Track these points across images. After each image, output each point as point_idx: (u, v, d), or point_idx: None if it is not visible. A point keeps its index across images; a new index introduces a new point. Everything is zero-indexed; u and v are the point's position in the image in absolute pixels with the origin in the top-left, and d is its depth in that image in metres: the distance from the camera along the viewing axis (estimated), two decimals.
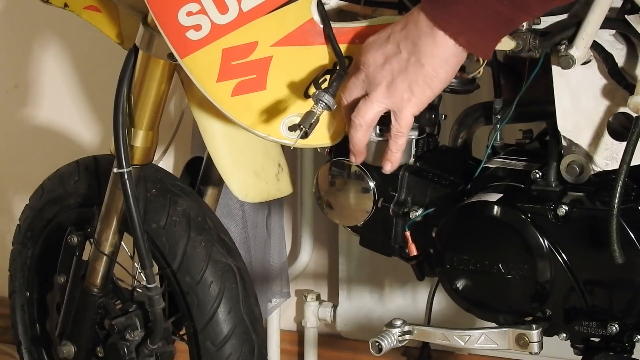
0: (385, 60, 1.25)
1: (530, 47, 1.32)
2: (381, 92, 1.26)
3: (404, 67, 1.24)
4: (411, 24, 1.23)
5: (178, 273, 1.63)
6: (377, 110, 1.28)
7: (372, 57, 1.26)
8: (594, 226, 1.34)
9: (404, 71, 1.24)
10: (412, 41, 1.22)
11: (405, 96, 1.25)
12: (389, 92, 1.25)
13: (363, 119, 1.28)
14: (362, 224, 1.52)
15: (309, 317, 2.26)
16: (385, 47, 1.25)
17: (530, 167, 1.45)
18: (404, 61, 1.23)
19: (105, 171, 1.67)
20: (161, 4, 1.35)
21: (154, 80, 1.53)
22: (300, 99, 1.35)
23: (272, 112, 1.35)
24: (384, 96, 1.26)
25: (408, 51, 1.23)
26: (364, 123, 1.29)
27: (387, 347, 1.44)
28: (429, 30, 1.21)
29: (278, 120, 1.36)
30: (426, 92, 1.25)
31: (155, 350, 1.66)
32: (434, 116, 1.47)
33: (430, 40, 1.21)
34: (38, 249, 1.85)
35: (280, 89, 1.35)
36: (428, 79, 1.24)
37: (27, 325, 1.90)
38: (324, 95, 1.27)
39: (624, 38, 1.33)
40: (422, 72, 1.23)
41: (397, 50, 1.24)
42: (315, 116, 1.27)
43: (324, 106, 1.27)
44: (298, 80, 1.35)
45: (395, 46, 1.24)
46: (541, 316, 1.41)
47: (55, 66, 2.48)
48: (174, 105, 2.31)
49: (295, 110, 1.35)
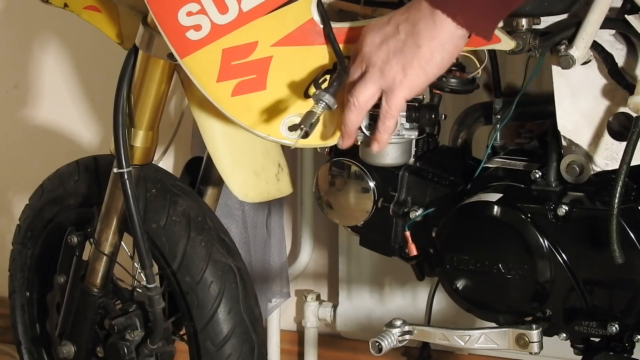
0: (382, 40, 1.25)
1: (530, 47, 1.32)
2: (375, 72, 1.25)
3: (400, 48, 1.23)
4: (413, 8, 1.23)
5: (178, 273, 1.63)
6: (371, 91, 1.27)
7: (371, 38, 1.26)
8: (594, 226, 1.34)
9: (400, 52, 1.23)
10: (411, 23, 1.22)
11: (398, 77, 1.24)
12: (382, 72, 1.25)
13: (357, 99, 1.27)
14: (362, 224, 1.52)
15: (309, 317, 2.26)
16: (384, 29, 1.25)
17: (530, 167, 1.45)
18: (400, 42, 1.23)
19: (105, 171, 1.67)
20: (161, 4, 1.35)
21: (154, 80, 1.53)
22: (301, 99, 1.35)
23: (272, 112, 1.35)
24: (378, 76, 1.25)
25: (406, 32, 1.23)
26: (357, 103, 1.27)
27: (387, 347, 1.44)
28: (428, 13, 1.21)
29: (278, 120, 1.36)
30: (420, 76, 1.24)
31: (155, 350, 1.66)
32: (434, 116, 1.47)
33: (430, 23, 1.21)
34: (38, 249, 1.85)
35: (280, 89, 1.35)
36: (423, 61, 1.23)
37: (27, 325, 1.90)
38: (324, 95, 1.27)
39: (624, 38, 1.33)
40: (417, 54, 1.22)
41: (396, 32, 1.24)
42: (315, 116, 1.26)
43: (325, 106, 1.27)
44: (298, 80, 1.35)
45: (394, 27, 1.24)
46: (541, 316, 1.41)
47: (55, 66, 2.48)
48: (174, 105, 2.31)
49: (296, 110, 1.35)
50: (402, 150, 1.43)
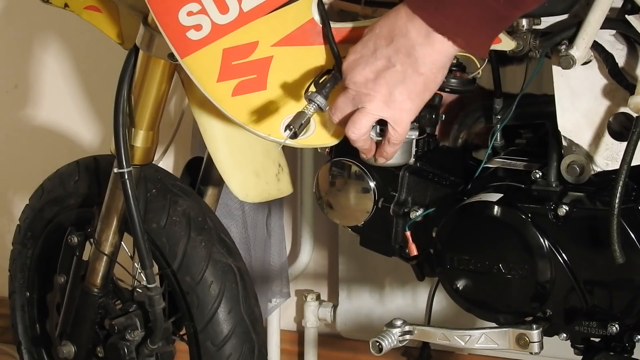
0: (376, 75, 1.25)
1: (531, 47, 1.32)
2: (377, 105, 1.26)
3: (401, 79, 1.23)
4: (398, 37, 1.22)
5: (178, 273, 1.63)
6: (372, 121, 1.28)
7: (361, 74, 1.25)
8: (595, 226, 1.34)
9: (402, 83, 1.24)
10: (404, 53, 1.22)
11: (405, 107, 1.25)
12: (386, 104, 1.25)
13: (360, 130, 1.28)
14: (362, 224, 1.52)
15: (309, 317, 2.26)
16: (373, 64, 1.24)
17: (530, 167, 1.45)
18: (399, 73, 1.23)
19: (106, 171, 1.67)
20: (162, 3, 1.35)
21: (154, 80, 1.53)
22: (301, 99, 1.35)
23: (272, 112, 1.35)
24: (381, 109, 1.26)
25: (402, 63, 1.23)
26: (361, 134, 1.29)
27: (388, 347, 1.44)
28: (422, 39, 1.21)
29: (278, 120, 1.36)
30: (425, 98, 1.26)
31: (155, 350, 1.66)
32: (434, 116, 1.48)
33: (428, 49, 1.21)
34: (38, 249, 1.85)
35: (280, 89, 1.35)
36: (426, 85, 1.24)
37: (27, 325, 1.90)
38: (316, 96, 1.27)
39: (625, 38, 1.33)
40: (421, 81, 1.23)
41: (389, 64, 1.23)
42: (306, 117, 1.27)
43: (316, 107, 1.27)
44: (298, 80, 1.35)
45: (385, 61, 1.24)
46: (541, 316, 1.41)
47: (55, 66, 2.48)
48: (174, 105, 2.31)
49: (296, 110, 1.35)
50: (403, 150, 1.43)
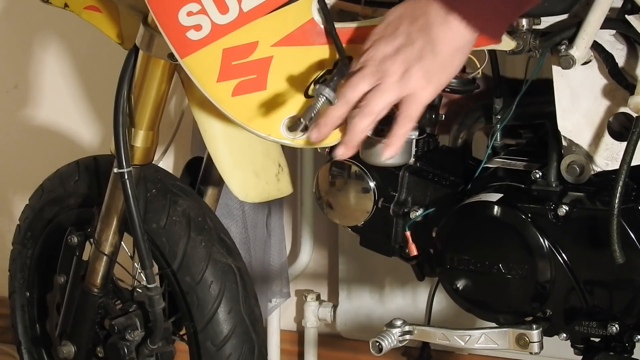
0: (396, 51, 1.25)
1: (531, 47, 1.32)
2: (395, 82, 1.25)
3: (419, 56, 1.23)
4: (419, 16, 1.23)
5: (178, 273, 1.63)
6: (389, 100, 1.26)
7: (380, 50, 1.26)
8: (594, 226, 1.34)
9: (419, 60, 1.23)
10: (425, 31, 1.23)
11: (420, 85, 1.25)
12: (403, 81, 1.25)
13: (375, 107, 1.26)
14: (362, 224, 1.52)
15: (309, 317, 2.26)
16: (393, 41, 1.25)
17: (530, 167, 1.45)
18: (417, 51, 1.23)
19: (105, 171, 1.67)
20: (161, 4, 1.35)
21: (154, 80, 1.53)
22: (301, 99, 1.35)
23: (272, 112, 1.35)
24: (398, 86, 1.25)
25: (421, 41, 1.23)
26: (374, 112, 1.26)
27: (388, 347, 1.44)
28: (441, 18, 1.21)
29: (278, 120, 1.36)
30: (442, 81, 1.26)
31: (155, 350, 1.66)
32: (434, 116, 1.48)
33: (445, 28, 1.21)
34: (38, 249, 1.85)
35: (280, 89, 1.35)
36: (443, 67, 1.24)
37: (27, 325, 1.90)
38: (324, 89, 1.27)
39: (625, 38, 1.33)
40: (437, 61, 1.23)
41: (409, 41, 1.24)
42: (316, 109, 1.26)
43: (325, 100, 1.26)
44: (298, 80, 1.35)
45: (404, 38, 1.24)
46: (541, 316, 1.41)
47: (55, 66, 2.48)
48: (174, 105, 2.31)
49: (296, 111, 1.35)
50: (403, 150, 1.44)
